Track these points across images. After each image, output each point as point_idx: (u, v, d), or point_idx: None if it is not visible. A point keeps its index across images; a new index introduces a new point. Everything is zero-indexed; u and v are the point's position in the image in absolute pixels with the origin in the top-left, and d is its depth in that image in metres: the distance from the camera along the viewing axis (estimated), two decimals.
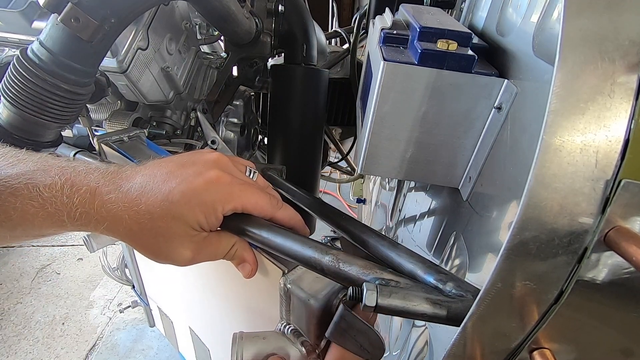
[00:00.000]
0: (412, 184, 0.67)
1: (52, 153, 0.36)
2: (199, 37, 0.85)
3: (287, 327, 0.37)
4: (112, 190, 0.31)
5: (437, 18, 0.42)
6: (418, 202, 0.62)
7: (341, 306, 0.31)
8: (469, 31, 0.38)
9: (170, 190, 0.31)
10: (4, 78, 0.49)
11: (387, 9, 0.52)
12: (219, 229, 0.35)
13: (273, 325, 0.40)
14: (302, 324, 0.37)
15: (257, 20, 0.76)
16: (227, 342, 0.36)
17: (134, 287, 1.28)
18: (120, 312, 1.65)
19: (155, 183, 0.32)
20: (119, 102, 0.77)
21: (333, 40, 1.14)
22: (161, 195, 0.31)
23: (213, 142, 0.76)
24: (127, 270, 1.27)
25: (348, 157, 1.13)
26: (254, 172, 0.39)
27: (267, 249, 0.34)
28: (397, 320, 0.64)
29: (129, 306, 1.42)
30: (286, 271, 0.38)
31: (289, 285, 0.36)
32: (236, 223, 0.35)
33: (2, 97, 0.50)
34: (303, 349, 0.35)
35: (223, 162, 0.35)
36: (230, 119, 0.90)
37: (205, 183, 0.32)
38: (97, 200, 0.31)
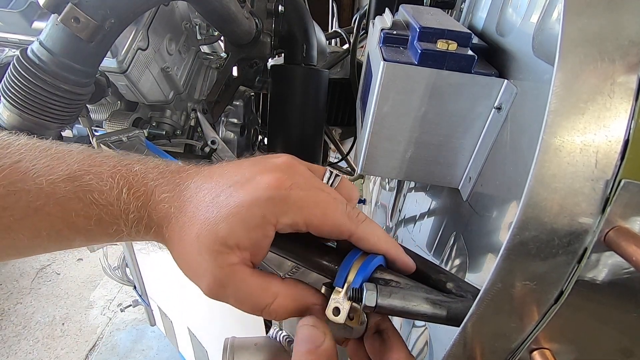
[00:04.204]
0: (412, 184, 0.67)
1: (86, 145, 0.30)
2: (199, 37, 0.85)
3: (280, 333, 0.37)
4: (169, 189, 0.27)
5: (437, 18, 0.42)
6: (418, 202, 0.62)
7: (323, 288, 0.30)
8: (469, 31, 0.38)
9: (218, 193, 0.26)
10: (4, 78, 0.49)
11: (386, 10, 0.52)
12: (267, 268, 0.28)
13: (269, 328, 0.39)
14: (294, 330, 0.36)
15: (257, 20, 0.76)
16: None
17: (135, 287, 1.28)
18: (122, 311, 1.65)
19: (210, 184, 0.27)
20: (119, 102, 0.77)
21: (333, 40, 1.14)
22: (210, 197, 0.26)
23: (213, 142, 0.76)
24: (127, 270, 1.28)
25: (348, 157, 1.13)
26: (336, 177, 0.30)
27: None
28: (397, 320, 0.64)
29: (130, 305, 1.42)
30: (281, 275, 0.38)
31: None
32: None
33: (2, 98, 0.50)
34: None
35: (290, 163, 0.28)
36: (230, 119, 0.90)
37: (257, 189, 0.25)
38: (150, 201, 0.27)
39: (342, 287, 0.26)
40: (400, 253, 0.28)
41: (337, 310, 0.26)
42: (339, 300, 0.26)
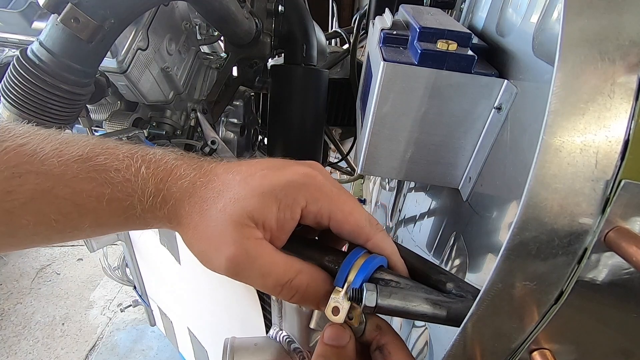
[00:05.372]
0: (412, 184, 0.67)
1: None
2: (198, 37, 0.85)
3: (280, 333, 0.37)
4: (191, 168, 0.27)
5: (437, 18, 0.42)
6: (418, 202, 0.62)
7: None
8: (469, 31, 0.38)
9: (251, 174, 0.26)
10: (4, 79, 0.49)
11: (386, 10, 0.52)
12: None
13: (269, 328, 0.39)
14: (294, 331, 0.36)
15: (257, 20, 0.76)
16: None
17: (135, 287, 1.28)
18: (121, 311, 1.65)
19: (240, 168, 0.27)
20: (118, 102, 0.77)
21: (333, 40, 1.14)
22: (240, 177, 0.26)
23: (213, 142, 0.76)
24: (127, 270, 1.28)
25: (348, 157, 1.13)
26: None
27: None
28: (397, 320, 0.64)
29: (130, 305, 1.42)
30: None
31: None
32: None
33: (2, 98, 0.50)
34: (296, 357, 0.34)
35: (320, 167, 0.29)
36: (230, 119, 0.90)
37: (293, 174, 0.26)
38: (170, 177, 0.26)
39: (342, 287, 0.26)
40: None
41: (336, 310, 0.26)
42: (339, 300, 0.26)
